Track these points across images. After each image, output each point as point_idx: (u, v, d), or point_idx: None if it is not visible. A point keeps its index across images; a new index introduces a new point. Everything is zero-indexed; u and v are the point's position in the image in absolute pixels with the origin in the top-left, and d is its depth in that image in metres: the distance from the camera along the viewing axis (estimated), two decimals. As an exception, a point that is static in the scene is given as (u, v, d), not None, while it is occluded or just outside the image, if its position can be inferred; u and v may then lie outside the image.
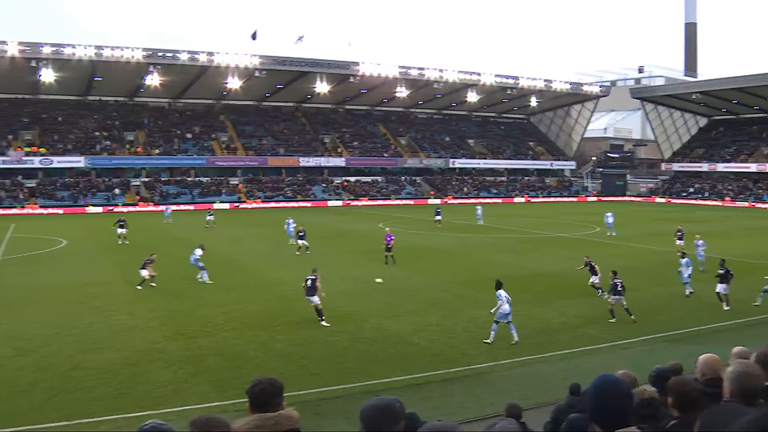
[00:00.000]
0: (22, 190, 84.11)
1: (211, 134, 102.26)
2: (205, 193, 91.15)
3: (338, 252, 38.51)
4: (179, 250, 37.37)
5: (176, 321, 21.32)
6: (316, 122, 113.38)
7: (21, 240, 47.15)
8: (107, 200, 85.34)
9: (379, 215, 71.12)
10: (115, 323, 20.95)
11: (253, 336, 19.34)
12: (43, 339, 18.90)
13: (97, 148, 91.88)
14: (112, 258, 36.67)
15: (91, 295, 25.65)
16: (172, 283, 28.23)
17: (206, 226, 55.04)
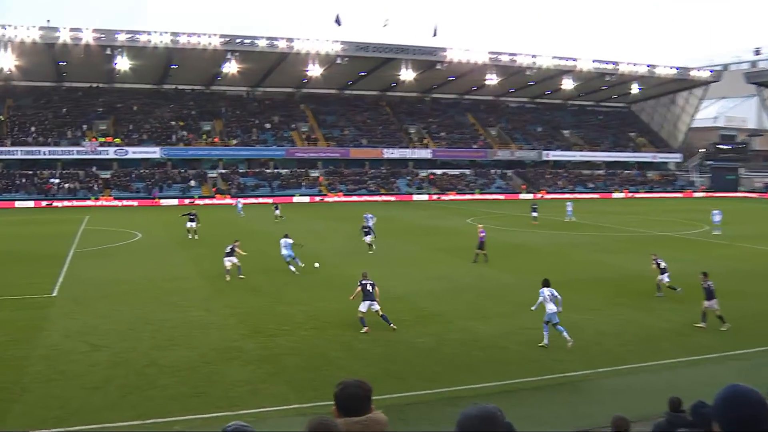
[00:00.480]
0: (96, 182, 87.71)
1: (291, 124, 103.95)
2: (284, 186, 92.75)
3: (423, 249, 38.38)
4: (257, 244, 38.10)
5: (254, 318, 21.64)
6: (401, 112, 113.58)
7: (95, 233, 49.12)
8: (183, 192, 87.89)
9: (467, 210, 70.63)
10: (191, 320, 21.45)
11: (334, 336, 19.41)
12: (117, 335, 19.51)
13: (173, 138, 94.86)
14: (189, 252, 37.71)
15: (166, 290, 26.40)
16: (250, 279, 28.76)
17: (276, 221, 55.98)
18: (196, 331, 19.97)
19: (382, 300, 23.42)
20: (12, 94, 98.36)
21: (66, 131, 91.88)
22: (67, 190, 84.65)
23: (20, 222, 58.79)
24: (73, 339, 18.97)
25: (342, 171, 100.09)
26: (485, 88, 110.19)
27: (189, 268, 32.25)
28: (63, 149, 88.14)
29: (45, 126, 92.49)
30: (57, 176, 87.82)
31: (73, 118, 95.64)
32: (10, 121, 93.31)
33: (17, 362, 16.83)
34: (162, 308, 23.10)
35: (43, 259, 34.87)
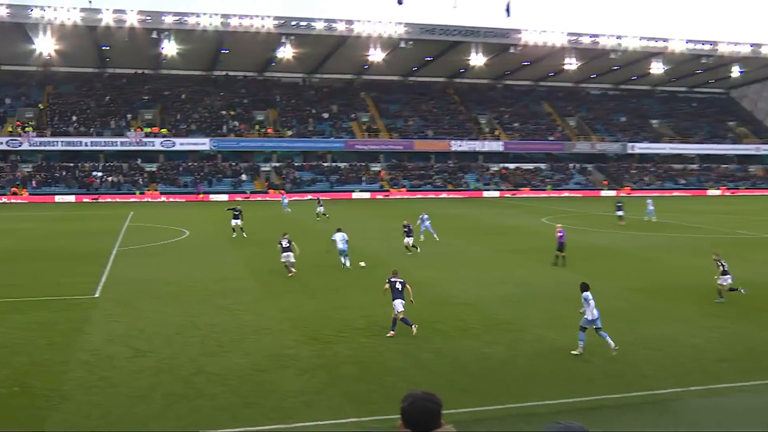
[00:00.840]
0: (141, 175, 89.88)
1: (351, 114, 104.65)
2: (343, 181, 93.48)
3: (494, 251, 38.12)
4: (311, 243, 38.41)
5: (310, 323, 21.83)
6: (470, 100, 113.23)
7: (139, 230, 50.37)
8: (234, 187, 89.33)
9: (541, 209, 69.97)
10: (242, 324, 21.75)
11: (397, 344, 19.41)
12: (163, 339, 19.91)
13: (224, 129, 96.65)
14: (239, 251, 38.30)
15: (216, 292, 26.86)
16: (305, 281, 29.07)
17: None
18: (248, 337, 20.23)
19: (450, 305, 23.42)
20: (52, 81, 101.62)
21: (109, 121, 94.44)
22: (111, 183, 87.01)
23: (60, 218, 60.66)
24: (117, 343, 19.43)
25: (405, 165, 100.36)
26: (563, 74, 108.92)
27: (240, 268, 32.74)
28: (106, 140, 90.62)
29: (87, 115, 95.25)
30: (99, 169, 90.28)
31: (117, 106, 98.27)
32: (49, 109, 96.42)
33: (57, 367, 17.30)
34: (211, 311, 23.50)
35: (85, 258, 35.87)
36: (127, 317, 22.62)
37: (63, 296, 26.04)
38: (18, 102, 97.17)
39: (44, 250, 39.22)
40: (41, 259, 35.53)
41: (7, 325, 21.49)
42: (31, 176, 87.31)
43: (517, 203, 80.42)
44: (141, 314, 23.04)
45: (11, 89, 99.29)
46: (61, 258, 35.97)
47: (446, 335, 20.35)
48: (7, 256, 36.80)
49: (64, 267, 33.04)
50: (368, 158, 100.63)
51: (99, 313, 23.12)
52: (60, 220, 58.01)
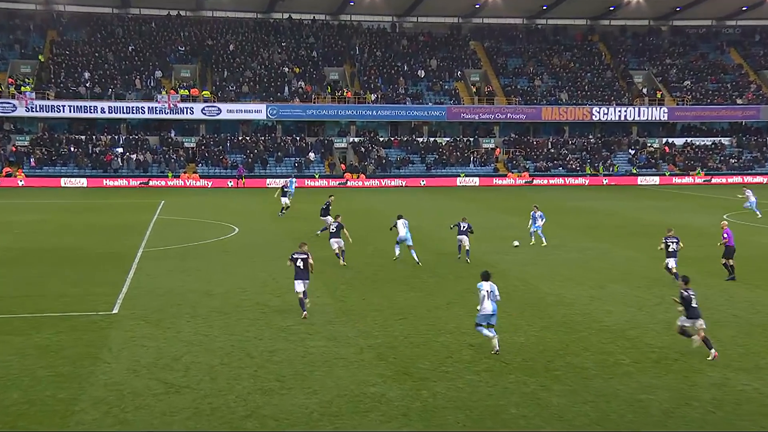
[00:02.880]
0: (176, 152, 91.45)
1: (456, 71, 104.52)
2: (444, 162, 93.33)
3: (651, 258, 37.39)
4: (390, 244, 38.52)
5: (401, 353, 21.96)
6: (623, 50, 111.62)
7: (172, 224, 51.53)
8: (299, 169, 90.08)
9: (724, 199, 68.33)
10: (309, 352, 21.99)
11: (516, 383, 19.37)
12: (204, 371, 20.25)
13: (285, 91, 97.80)
14: (313, 253, 38.60)
15: (275, 308, 27.27)
16: (393, 296, 29.29)
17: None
18: (317, 369, 20.44)
19: (590, 331, 23.24)
20: (56, 24, 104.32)
21: (134, 79, 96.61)
22: (135, 163, 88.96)
23: (68, 208, 62.56)
24: (142, 375, 19.88)
25: (529, 140, 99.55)
26: (763, 7, 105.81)
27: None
28: (129, 105, 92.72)
29: (104, 71, 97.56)
30: (120, 144, 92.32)
31: (144, 60, 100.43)
32: (53, 62, 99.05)
33: (61, 407, 17.77)
34: (268, 334, 23.86)
35: (101, 261, 36.88)
36: (157, 340, 23.13)
37: (72, 312, 26.78)
38: (11, 52, 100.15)
39: (47, 250, 40.45)
40: (43, 263, 36.63)
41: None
42: (29, 152, 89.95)
43: (685, 192, 78.77)
44: (175, 337, 23.54)
45: (2, 35, 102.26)
46: (69, 262, 37.03)
47: (584, 372, 20.25)
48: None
49: (73, 273, 33.98)
50: (479, 131, 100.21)
51: (119, 335, 23.70)
52: (68, 211, 59.66)
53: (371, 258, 37.97)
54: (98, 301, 28.27)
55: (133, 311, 26.67)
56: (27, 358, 21.29)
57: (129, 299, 28.56)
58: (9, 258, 38.11)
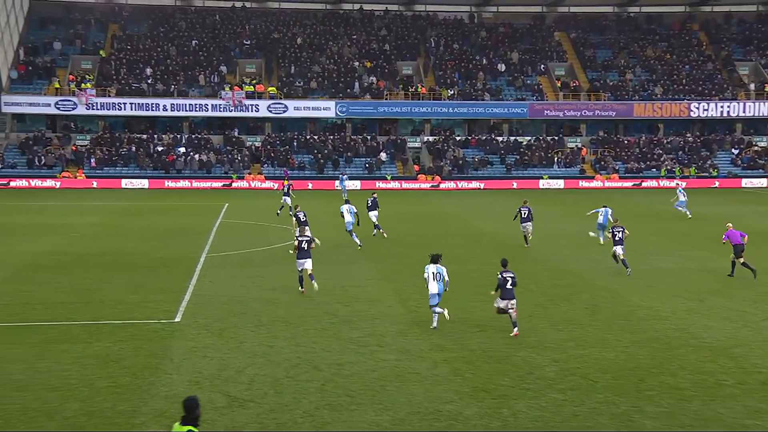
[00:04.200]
0: (240, 152, 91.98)
1: (538, 64, 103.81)
2: (526, 162, 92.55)
3: (760, 269, 36.76)
4: (483, 250, 38.33)
5: (478, 368, 21.80)
6: (726, 39, 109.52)
7: (237, 228, 51.90)
8: (368, 170, 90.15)
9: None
10: (380, 365, 21.96)
11: (605, 403, 19.11)
12: (270, 384, 20.32)
13: (356, 87, 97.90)
14: (380, 262, 38.62)
15: (344, 318, 27.29)
16: (470, 306, 29.14)
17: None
18: (388, 384, 20.40)
19: (681, 350, 23.05)
20: (118, 18, 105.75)
21: (197, 75, 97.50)
22: (198, 163, 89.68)
23: (128, 210, 63.39)
24: (205, 388, 20.01)
25: (619, 140, 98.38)
26: None
27: (377, 285, 33.00)
28: (192, 102, 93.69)
29: (166, 67, 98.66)
30: (183, 143, 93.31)
31: (208, 55, 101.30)
32: (114, 58, 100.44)
33: (121, 420, 17.96)
34: (336, 346, 23.87)
35: (163, 267, 37.30)
36: (220, 351, 23.29)
37: (132, 320, 27.10)
38: (71, 47, 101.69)
39: (105, 254, 41.01)
40: (101, 268, 37.11)
41: (56, 359, 22.55)
42: (90, 152, 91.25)
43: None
44: (239, 347, 23.67)
45: (62, 29, 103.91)
46: (128, 266, 37.50)
47: (681, 393, 19.93)
48: (56, 263, 38.67)
49: (132, 279, 34.38)
50: (564, 130, 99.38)
51: (181, 345, 23.94)
52: (128, 213, 60.42)
53: (446, 265, 37.62)
54: (159, 308, 28.61)
55: (195, 320, 26.93)
56: (86, 368, 21.61)
57: (191, 307, 28.84)
58: (66, 262, 38.70)
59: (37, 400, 19.14)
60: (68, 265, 37.79)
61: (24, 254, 40.88)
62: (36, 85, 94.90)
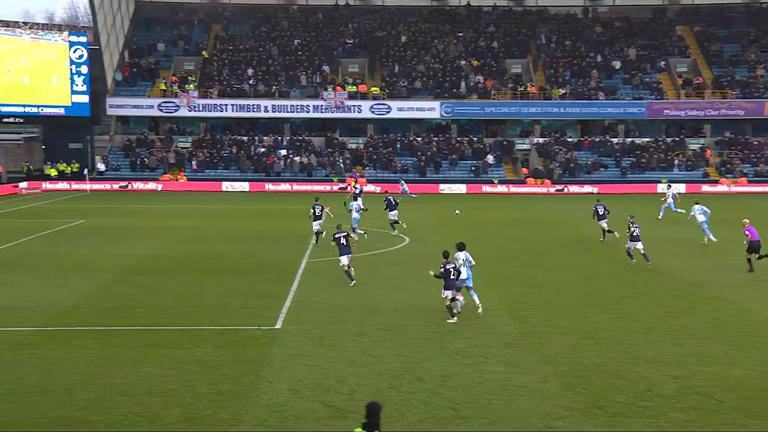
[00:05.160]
0: (341, 154, 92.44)
1: (658, 61, 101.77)
2: (643, 165, 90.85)
3: None
4: (590, 256, 37.98)
5: (591, 383, 21.58)
6: None
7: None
8: (474, 174, 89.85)
9: None
10: (487, 378, 21.89)
11: (733, 425, 18.76)
12: (371, 394, 20.29)
13: (462, 87, 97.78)
14: (486, 269, 38.48)
15: (448, 328, 27.23)
16: (584, 317, 28.86)
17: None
18: (495, 398, 20.33)
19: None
20: (221, 19, 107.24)
21: (298, 75, 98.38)
22: (299, 166, 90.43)
23: (229, 213, 64.47)
24: (305, 397, 20.24)
25: (747, 140, 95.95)
26: None
27: (483, 294, 32.69)
28: (293, 103, 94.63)
29: (267, 67, 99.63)
30: (284, 145, 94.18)
31: (310, 54, 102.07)
32: (216, 58, 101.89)
33: (222, 427, 18.30)
34: (440, 356, 23.86)
35: (263, 271, 37.79)
36: (321, 359, 23.48)
37: (232, 326, 27.50)
38: (175, 49, 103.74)
39: (205, 258, 41.74)
40: (201, 272, 37.80)
41: (157, 364, 23.02)
42: (191, 154, 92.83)
43: None
44: (339, 356, 23.85)
45: (166, 30, 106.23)
46: (228, 271, 38.07)
47: None
48: (155, 266, 39.48)
49: (232, 284, 34.90)
50: (686, 130, 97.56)
51: (281, 352, 24.22)
52: (228, 217, 61.35)
53: (555, 273, 37.55)
54: (259, 314, 28.98)
55: (296, 327, 27.19)
56: (187, 373, 22.03)
57: (291, 314, 29.14)
58: (168, 266, 39.48)
59: (139, 405, 19.60)
60: (170, 269, 38.58)
61: (127, 257, 41.92)
62: (140, 87, 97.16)
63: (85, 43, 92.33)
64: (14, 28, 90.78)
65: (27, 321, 28.09)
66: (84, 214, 63.01)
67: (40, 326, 27.36)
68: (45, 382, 21.26)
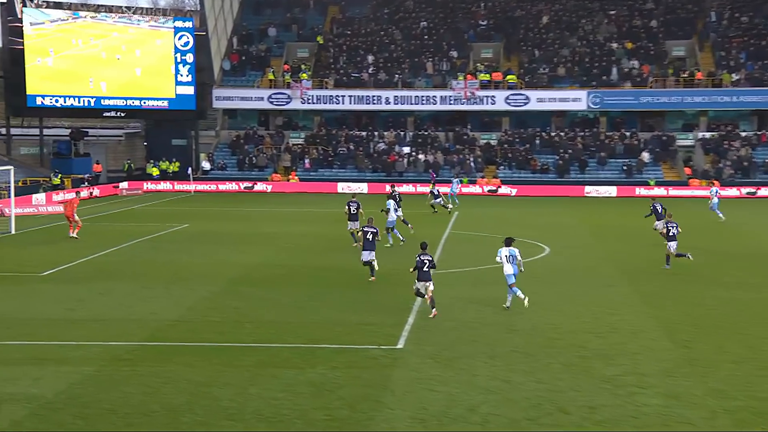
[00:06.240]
0: (472, 152, 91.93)
1: None
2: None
3: None
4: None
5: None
6: None
7: (467, 241, 52.78)
8: (626, 174, 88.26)
9: None
10: (643, 411, 21.59)
11: None
12: (506, 426, 20.35)
13: (612, 73, 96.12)
14: (641, 287, 37.97)
15: (596, 351, 26.94)
16: (763, 343, 28.31)
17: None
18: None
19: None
20: (338, 0, 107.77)
21: (424, 63, 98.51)
22: (423, 165, 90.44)
23: (344, 218, 64.28)
24: (431, 426, 20.27)
25: None
26: None
27: (639, 313, 32.54)
28: (418, 94, 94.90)
29: (390, 54, 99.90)
30: (407, 141, 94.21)
31: (437, 39, 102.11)
32: (333, 44, 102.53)
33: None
34: (586, 384, 23.56)
35: (381, 284, 37.96)
36: (448, 384, 23.46)
37: (350, 344, 27.74)
38: (287, 34, 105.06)
39: (318, 268, 42.27)
40: (314, 283, 38.29)
41: (266, 385, 23.31)
42: (304, 151, 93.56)
43: None
44: (470, 381, 23.79)
45: (278, 13, 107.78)
46: (344, 282, 38.48)
47: None
48: (267, 277, 40.22)
49: (351, 297, 35.26)
50: None
51: (404, 375, 24.31)
52: (343, 222, 61.52)
53: (727, 291, 36.89)
54: (379, 332, 29.14)
55: (420, 347, 27.24)
56: (299, 396, 22.19)
57: (415, 332, 29.24)
58: (278, 276, 40.13)
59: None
60: (280, 280, 39.16)
61: (234, 266, 42.81)
62: (249, 76, 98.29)
63: (191, 29, 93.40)
64: (116, 14, 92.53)
65: (128, 335, 28.77)
66: (188, 217, 64.52)
67: (142, 341, 28.04)
68: (146, 403, 21.69)
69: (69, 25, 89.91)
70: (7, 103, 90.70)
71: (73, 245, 49.70)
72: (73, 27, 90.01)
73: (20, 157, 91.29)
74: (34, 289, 37.20)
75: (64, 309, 33.10)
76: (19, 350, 26.88)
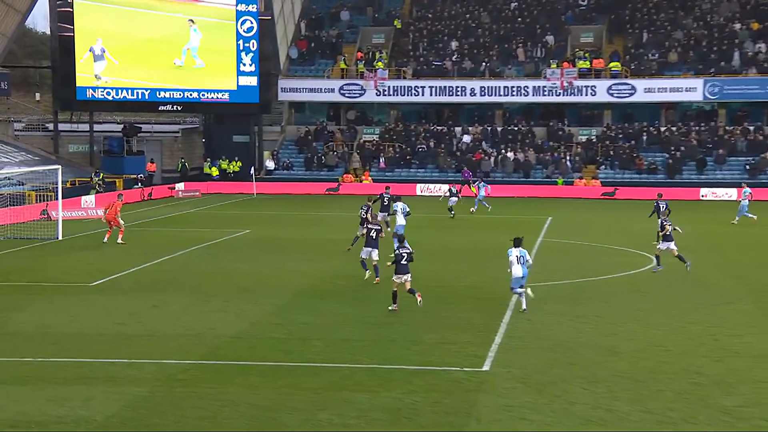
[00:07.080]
0: (569, 149, 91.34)
1: None
2: None
3: None
4: None
5: None
6: None
7: (564, 250, 52.65)
8: (749, 173, 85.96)
9: None
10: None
11: None
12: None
13: (735, 59, 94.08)
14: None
15: (712, 379, 26.36)
16: None
17: None
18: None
19: None
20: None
21: (514, 49, 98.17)
22: (513, 164, 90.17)
23: (426, 223, 64.97)
24: (520, 458, 20.07)
25: None
26: None
27: (764, 334, 32.07)
28: (507, 85, 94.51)
29: (476, 39, 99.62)
30: (494, 138, 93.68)
31: (530, 22, 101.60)
32: (413, 29, 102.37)
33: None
34: (703, 416, 23.03)
35: (468, 298, 38.17)
36: (542, 413, 23.27)
37: (429, 365, 27.59)
38: (362, 18, 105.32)
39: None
40: (391, 297, 37.88)
41: (337, 410, 23.26)
42: (378, 149, 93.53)
43: None
44: (566, 409, 23.55)
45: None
46: (427, 296, 37.46)
47: None
48: (338, 289, 40.51)
49: (431, 312, 34.97)
50: None
51: (491, 401, 24.15)
52: (425, 228, 61.40)
53: None
54: (462, 352, 29.03)
55: (509, 370, 27.06)
56: (373, 424, 22.11)
57: (503, 352, 29.06)
58: (350, 288, 40.27)
59: (318, 463, 19.84)
60: (352, 293, 39.30)
61: (301, 276, 43.14)
62: (318, 65, 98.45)
63: (255, 13, 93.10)
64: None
65: (184, 352, 29.00)
66: (250, 222, 64.94)
67: (199, 359, 28.25)
68: (204, 428, 21.80)
69: (123, 9, 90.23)
70: (54, 96, 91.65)
71: (124, 252, 50.43)
72: (127, 12, 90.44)
73: (68, 155, 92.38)
74: (82, 301, 37.74)
75: (114, 323, 33.47)
76: (67, 368, 27.11)
